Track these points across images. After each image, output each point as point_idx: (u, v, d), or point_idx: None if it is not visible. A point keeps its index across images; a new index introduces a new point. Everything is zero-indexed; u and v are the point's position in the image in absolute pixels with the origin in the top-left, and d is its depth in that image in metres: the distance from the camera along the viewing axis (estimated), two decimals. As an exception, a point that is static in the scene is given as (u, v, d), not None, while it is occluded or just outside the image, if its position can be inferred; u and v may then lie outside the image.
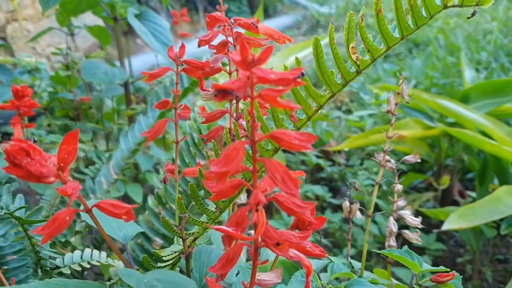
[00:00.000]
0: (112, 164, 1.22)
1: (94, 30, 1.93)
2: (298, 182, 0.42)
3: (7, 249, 0.89)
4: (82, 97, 1.86)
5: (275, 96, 0.38)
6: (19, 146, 0.42)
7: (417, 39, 3.93)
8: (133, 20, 1.51)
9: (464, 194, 2.02)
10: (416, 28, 0.54)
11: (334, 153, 2.54)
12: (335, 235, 1.94)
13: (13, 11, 2.99)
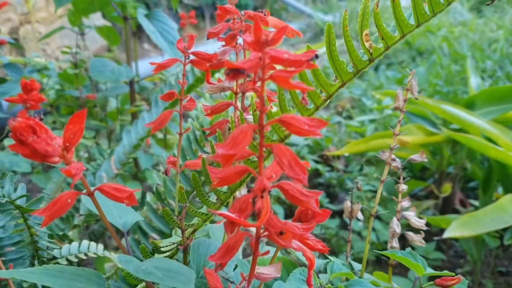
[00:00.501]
0: (113, 159, 1.22)
1: (103, 30, 1.94)
2: (305, 169, 0.41)
3: (5, 240, 0.89)
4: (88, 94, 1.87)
5: (287, 77, 0.37)
6: (26, 123, 0.41)
7: (421, 48, 3.93)
8: (142, 19, 1.52)
9: (466, 203, 2.00)
10: (433, 15, 0.53)
11: (333, 158, 2.53)
12: (331, 241, 1.93)
13: (27, 13, 3.00)
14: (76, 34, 1.96)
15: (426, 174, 2.22)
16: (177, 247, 0.66)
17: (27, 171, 1.38)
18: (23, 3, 2.95)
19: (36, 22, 3.16)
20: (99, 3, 1.61)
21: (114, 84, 1.76)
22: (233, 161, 0.41)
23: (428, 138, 1.85)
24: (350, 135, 2.69)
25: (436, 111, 1.83)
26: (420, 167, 2.23)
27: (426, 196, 2.15)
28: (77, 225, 1.18)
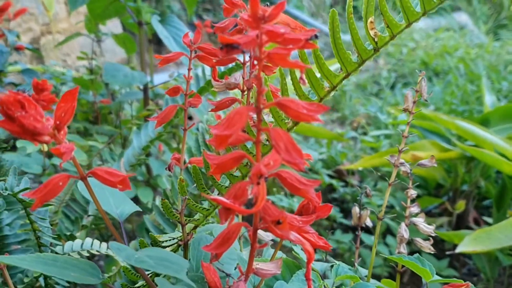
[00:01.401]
0: (123, 161, 1.21)
1: (119, 38, 1.96)
2: (302, 153, 0.40)
3: (12, 238, 0.88)
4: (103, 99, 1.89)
5: (284, 54, 0.36)
6: (14, 98, 0.40)
7: (438, 68, 3.90)
8: (156, 25, 1.52)
9: (479, 221, 1.96)
10: (439, 3, 0.51)
11: (347, 174, 2.50)
12: (344, 256, 1.90)
13: (48, 23, 3.05)
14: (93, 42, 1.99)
15: (440, 192, 2.19)
16: (177, 243, 0.64)
17: (37, 172, 1.38)
18: (44, 13, 3.00)
19: (57, 32, 3.20)
20: (115, 9, 1.62)
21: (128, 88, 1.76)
22: (228, 143, 0.40)
23: (443, 154, 1.82)
24: (365, 151, 2.66)
25: (451, 126, 1.81)
26: (435, 185, 2.19)
27: (440, 214, 2.11)
28: (85, 225, 1.17)
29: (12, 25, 2.63)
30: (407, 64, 4.17)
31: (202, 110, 1.44)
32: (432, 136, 1.98)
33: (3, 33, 2.04)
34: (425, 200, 1.97)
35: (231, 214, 0.43)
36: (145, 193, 1.51)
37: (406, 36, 4.90)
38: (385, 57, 4.56)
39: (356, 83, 4.01)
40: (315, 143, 2.76)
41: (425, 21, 5.61)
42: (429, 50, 4.41)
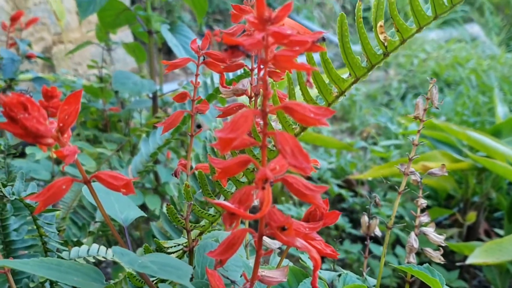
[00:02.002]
0: (130, 168, 1.21)
1: (130, 47, 1.97)
2: (309, 158, 0.39)
3: (18, 244, 0.88)
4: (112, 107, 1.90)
5: (291, 56, 0.35)
6: (17, 99, 0.40)
7: (449, 79, 3.88)
8: (166, 33, 1.53)
9: (490, 233, 1.94)
10: (451, 7, 0.51)
11: (357, 184, 2.49)
12: (353, 266, 1.88)
13: (60, 33, 3.08)
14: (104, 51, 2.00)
15: (451, 203, 2.17)
16: (183, 250, 0.64)
17: (46, 178, 1.38)
18: (56, 23, 3.03)
19: (69, 42, 3.23)
20: (125, 17, 1.63)
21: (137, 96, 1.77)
22: (233, 147, 0.39)
23: (453, 165, 1.80)
24: (375, 161, 2.64)
25: (462, 137, 1.79)
26: (445, 196, 2.17)
27: (450, 225, 2.09)
28: (92, 232, 1.17)
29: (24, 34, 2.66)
30: (418, 75, 4.15)
31: (210, 117, 1.43)
32: (443, 147, 1.96)
33: (15, 42, 2.06)
34: (435, 211, 1.95)
35: (235, 219, 0.42)
36: (152, 200, 1.51)
37: (417, 47, 4.89)
38: (395, 68, 4.55)
39: (366, 94, 4.00)
40: (324, 153, 2.75)
41: (437, 32, 5.60)
42: (441, 61, 4.39)
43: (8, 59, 1.82)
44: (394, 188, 2.34)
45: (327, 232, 2.08)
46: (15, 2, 2.77)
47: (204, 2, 1.64)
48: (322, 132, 3.02)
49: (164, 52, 3.57)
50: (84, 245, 0.89)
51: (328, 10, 6.63)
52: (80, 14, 1.50)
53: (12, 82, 1.82)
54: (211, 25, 5.28)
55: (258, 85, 0.67)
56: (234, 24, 0.71)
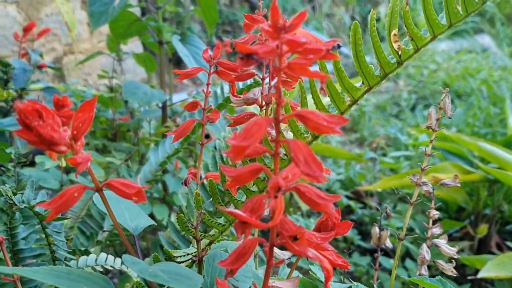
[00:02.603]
0: (139, 177, 1.21)
1: (140, 57, 1.98)
2: (322, 166, 0.38)
3: (27, 252, 0.88)
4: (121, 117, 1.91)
5: (305, 64, 0.35)
6: (32, 107, 0.40)
7: (459, 90, 3.87)
8: (177, 43, 1.54)
9: (502, 246, 1.91)
10: (466, 15, 0.50)
11: (366, 195, 2.47)
12: (362, 279, 1.86)
13: (71, 44, 3.10)
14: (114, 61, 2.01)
15: (462, 215, 2.14)
16: (192, 259, 0.63)
17: (55, 187, 1.38)
18: (67, 33, 3.06)
19: (79, 52, 3.26)
20: (136, 28, 1.64)
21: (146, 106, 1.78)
22: (245, 155, 0.39)
23: (465, 177, 1.78)
24: (385, 173, 2.63)
25: (473, 148, 1.77)
26: (456, 208, 2.15)
27: (461, 238, 2.07)
28: (100, 241, 1.17)
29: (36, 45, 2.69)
30: (428, 86, 4.14)
31: (219, 127, 1.43)
32: (454, 158, 1.95)
33: (26, 52, 2.08)
34: (446, 223, 1.93)
35: (247, 228, 0.42)
36: (160, 210, 1.50)
37: (428, 58, 4.88)
38: (405, 79, 4.54)
39: (376, 104, 3.99)
40: (333, 164, 2.74)
41: (447, 43, 5.58)
42: (451, 72, 4.37)
43: (20, 69, 1.83)
44: (404, 200, 2.33)
45: (335, 244, 2.07)
46: (28, 13, 2.80)
47: (214, 13, 1.65)
48: (331, 142, 3.01)
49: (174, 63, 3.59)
50: (92, 254, 0.89)
51: (337, 21, 6.64)
52: (91, 24, 1.51)
53: (23, 91, 1.83)
54: (220, 36, 5.30)
55: (269, 94, 0.67)
56: (244, 34, 0.71)
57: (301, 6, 6.08)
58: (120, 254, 1.31)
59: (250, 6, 5.75)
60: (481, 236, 1.86)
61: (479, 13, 6.24)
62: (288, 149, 0.38)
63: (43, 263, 0.87)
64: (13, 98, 1.78)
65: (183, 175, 1.64)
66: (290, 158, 0.39)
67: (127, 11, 1.60)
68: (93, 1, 1.45)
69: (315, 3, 6.61)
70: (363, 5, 6.98)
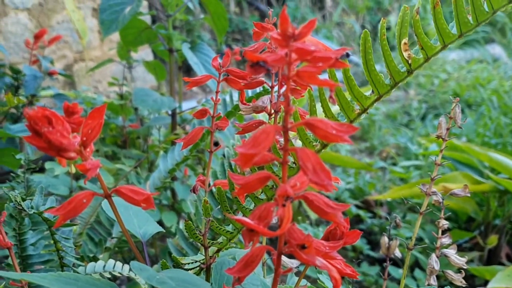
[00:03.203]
0: (148, 184, 1.21)
1: (150, 64, 2.00)
2: (331, 174, 0.38)
3: (35, 258, 0.88)
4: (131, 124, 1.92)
5: (314, 72, 0.35)
6: (42, 113, 0.40)
7: (470, 100, 3.85)
8: (187, 51, 1.54)
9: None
10: (476, 25, 0.50)
11: (375, 205, 2.46)
12: (370, 289, 1.85)
13: (82, 51, 3.13)
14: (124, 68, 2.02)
15: (471, 226, 2.13)
16: (200, 266, 0.63)
17: (64, 194, 1.39)
18: (78, 41, 3.08)
19: (90, 60, 3.28)
20: (147, 36, 1.66)
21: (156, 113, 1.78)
22: (254, 163, 0.39)
23: (475, 187, 1.77)
24: (394, 182, 2.61)
25: (484, 158, 1.76)
26: (466, 218, 2.13)
27: (471, 248, 2.05)
28: (108, 248, 1.17)
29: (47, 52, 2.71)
30: (438, 95, 4.12)
31: (228, 135, 1.43)
32: (464, 168, 1.93)
33: (37, 59, 2.10)
34: (456, 233, 1.92)
35: (255, 236, 0.42)
36: (169, 217, 1.51)
37: (438, 68, 4.86)
38: (415, 88, 4.53)
39: (386, 113, 3.98)
40: (342, 173, 2.73)
41: (458, 53, 5.57)
42: (462, 81, 4.35)
43: (30, 75, 1.85)
44: (413, 209, 2.31)
45: (344, 253, 2.06)
46: (39, 20, 2.82)
47: (224, 21, 1.66)
48: (341, 151, 3.01)
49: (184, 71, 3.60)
50: (100, 260, 0.89)
51: (347, 29, 6.64)
52: (102, 32, 1.53)
53: (34, 98, 1.84)
54: (230, 44, 5.32)
55: (278, 102, 0.67)
56: (253, 43, 0.71)
57: (311, 15, 6.09)
58: (129, 261, 1.31)
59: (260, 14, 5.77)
60: (491, 247, 1.84)
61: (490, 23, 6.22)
62: (296, 157, 0.38)
63: (51, 269, 0.88)
64: (24, 105, 1.79)
65: (192, 183, 1.64)
66: (298, 166, 0.39)
67: (137, 19, 1.61)
68: (104, 9, 1.46)
69: (325, 12, 6.62)
70: (374, 14, 6.98)
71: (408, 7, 0.50)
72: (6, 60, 2.58)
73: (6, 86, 1.87)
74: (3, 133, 1.40)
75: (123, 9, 1.46)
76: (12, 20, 2.67)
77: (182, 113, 1.79)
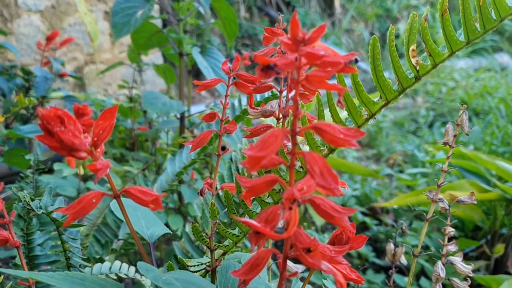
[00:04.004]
0: (156, 186, 1.22)
1: (160, 68, 2.01)
2: (338, 179, 0.39)
3: (42, 259, 0.89)
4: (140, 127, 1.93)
5: (323, 76, 0.35)
6: (54, 113, 0.41)
7: (477, 108, 3.84)
8: (196, 55, 1.55)
9: (519, 267, 1.88)
10: (484, 32, 0.50)
11: (381, 212, 2.45)
12: (375, 297, 1.84)
13: (93, 54, 3.15)
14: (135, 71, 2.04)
15: (478, 234, 2.12)
16: (205, 269, 0.63)
17: (72, 195, 1.40)
18: (89, 43, 3.11)
19: (100, 62, 3.30)
20: (157, 39, 1.67)
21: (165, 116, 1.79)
22: (261, 166, 0.39)
23: (482, 195, 1.76)
24: (401, 189, 2.61)
25: (491, 167, 1.76)
26: (473, 227, 2.12)
27: (477, 257, 2.04)
28: (115, 249, 1.17)
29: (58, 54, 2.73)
30: (446, 103, 4.12)
31: (235, 139, 1.44)
32: (471, 176, 1.93)
33: (48, 60, 2.12)
34: (462, 242, 1.91)
35: (261, 238, 0.42)
36: (175, 220, 1.51)
37: (446, 75, 4.86)
38: (423, 95, 4.52)
39: (393, 120, 3.97)
40: (349, 179, 2.73)
41: (466, 61, 5.56)
42: (469, 89, 4.34)
43: (41, 77, 1.86)
44: (420, 217, 2.31)
45: (349, 260, 2.05)
46: (51, 23, 2.85)
47: (235, 26, 1.67)
48: (347, 158, 3.00)
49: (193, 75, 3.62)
50: (106, 262, 0.90)
51: (356, 36, 6.65)
52: (114, 35, 1.54)
53: (44, 99, 1.86)
54: (239, 49, 5.33)
55: (286, 107, 0.67)
56: (263, 48, 0.72)
57: (320, 21, 6.10)
58: (134, 263, 1.31)
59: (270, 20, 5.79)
60: (497, 256, 1.83)
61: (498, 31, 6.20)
62: (303, 161, 0.38)
63: (58, 269, 0.88)
64: (34, 106, 1.81)
65: (199, 186, 1.64)
66: (305, 170, 0.40)
67: (148, 23, 1.62)
68: (116, 12, 1.47)
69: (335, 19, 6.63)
70: (383, 21, 6.98)
71: (417, 14, 0.50)
72: (18, 61, 2.60)
73: (17, 87, 1.89)
74: (13, 133, 1.41)
75: (135, 13, 1.48)
76: (25, 21, 2.70)
77: (191, 116, 1.80)
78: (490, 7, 0.49)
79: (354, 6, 6.74)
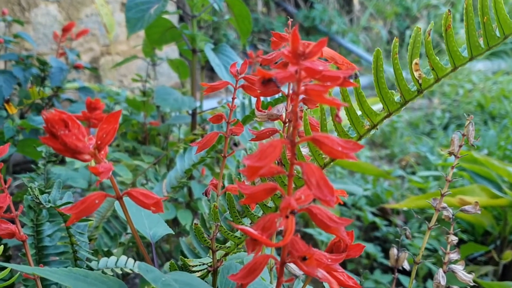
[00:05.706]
0: (165, 182, 1.23)
1: (174, 63, 2.02)
2: (334, 190, 0.39)
3: (51, 249, 0.90)
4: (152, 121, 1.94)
5: (321, 91, 0.36)
6: (59, 116, 0.42)
7: (494, 112, 3.80)
8: (209, 52, 1.56)
9: (528, 274, 1.87)
10: (487, 49, 0.50)
11: (392, 213, 2.45)
12: (382, 298, 1.84)
13: (108, 45, 3.17)
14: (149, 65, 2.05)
15: (487, 239, 2.11)
16: (207, 269, 0.64)
17: (83, 187, 1.42)
18: (105, 35, 3.13)
19: (116, 54, 3.32)
20: (171, 35, 1.67)
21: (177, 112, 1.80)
22: (259, 175, 0.40)
23: (492, 201, 1.75)
24: (412, 191, 2.60)
25: (502, 173, 1.75)
26: (482, 232, 2.11)
27: (486, 262, 2.03)
28: (123, 243, 1.19)
29: (74, 44, 2.76)
30: (462, 105, 4.08)
31: (246, 137, 1.45)
32: (483, 181, 1.92)
33: (64, 51, 2.14)
34: (471, 246, 1.90)
35: (258, 245, 0.43)
36: (184, 215, 1.52)
37: (464, 77, 4.81)
38: (440, 97, 4.49)
39: (408, 121, 3.95)
40: (360, 179, 2.72)
41: (485, 63, 5.50)
42: (487, 92, 4.30)
43: (56, 67, 1.88)
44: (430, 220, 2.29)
45: (357, 260, 2.06)
46: (68, 13, 2.87)
47: (248, 23, 1.67)
48: (360, 157, 3.00)
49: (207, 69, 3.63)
50: (113, 255, 0.91)
51: (374, 34, 6.61)
52: (128, 30, 1.55)
53: (59, 90, 1.88)
54: (255, 44, 5.33)
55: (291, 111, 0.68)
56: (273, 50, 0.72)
57: (338, 18, 6.07)
58: (142, 257, 1.33)
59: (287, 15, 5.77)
60: (505, 262, 1.82)
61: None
62: (301, 172, 0.39)
63: (66, 261, 0.90)
64: (50, 97, 1.83)
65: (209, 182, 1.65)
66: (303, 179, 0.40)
67: (162, 18, 1.63)
68: (130, 7, 1.49)
69: (353, 16, 6.59)
70: (402, 20, 6.92)
71: (420, 28, 0.50)
72: (34, 50, 2.63)
73: (33, 76, 1.91)
74: (26, 124, 1.44)
75: (149, 8, 1.49)
76: (42, 11, 2.73)
77: (203, 113, 1.81)
78: (494, 24, 0.49)
79: (373, 3, 6.69)
